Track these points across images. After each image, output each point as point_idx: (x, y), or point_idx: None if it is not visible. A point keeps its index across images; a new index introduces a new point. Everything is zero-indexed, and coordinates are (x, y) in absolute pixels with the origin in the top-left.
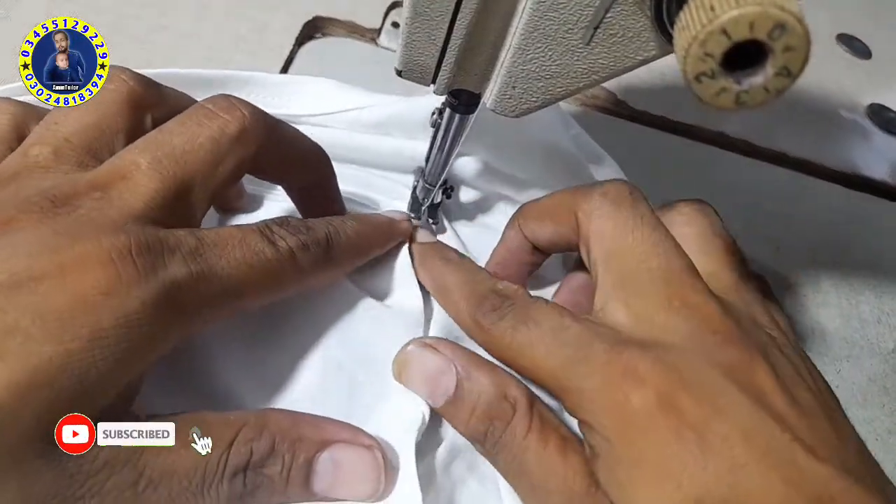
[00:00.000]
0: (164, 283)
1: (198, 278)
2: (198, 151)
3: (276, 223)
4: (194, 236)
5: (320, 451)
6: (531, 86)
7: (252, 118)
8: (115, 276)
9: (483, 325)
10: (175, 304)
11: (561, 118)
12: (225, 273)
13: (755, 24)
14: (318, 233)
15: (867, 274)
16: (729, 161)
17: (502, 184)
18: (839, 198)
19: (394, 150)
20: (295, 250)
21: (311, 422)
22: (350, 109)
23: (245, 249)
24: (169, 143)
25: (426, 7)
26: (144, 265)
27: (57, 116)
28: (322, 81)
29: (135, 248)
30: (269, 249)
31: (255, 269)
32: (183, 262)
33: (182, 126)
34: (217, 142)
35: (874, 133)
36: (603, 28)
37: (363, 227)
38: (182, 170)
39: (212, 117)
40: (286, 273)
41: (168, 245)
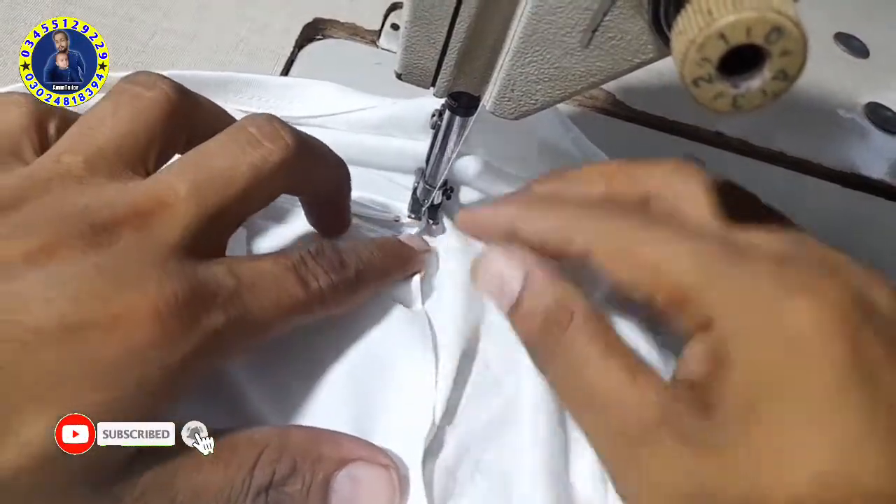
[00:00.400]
0: (206, 333)
1: (235, 324)
2: (238, 179)
3: (311, 257)
4: (233, 276)
5: (339, 470)
6: (530, 88)
7: (295, 148)
8: (161, 330)
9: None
10: (212, 349)
11: (560, 121)
12: (259, 316)
13: (752, 28)
14: (349, 271)
15: None
16: (727, 161)
17: (502, 184)
18: (837, 197)
19: (395, 150)
20: (325, 291)
21: (330, 439)
22: (351, 111)
23: (279, 292)
24: (209, 168)
25: (426, 10)
26: (188, 316)
27: (91, 121)
28: (323, 84)
29: (181, 297)
30: (302, 293)
31: (286, 310)
32: (222, 310)
33: (223, 149)
34: (259, 170)
35: (872, 132)
36: (601, 31)
37: (388, 259)
38: (221, 197)
39: (255, 145)
40: (312, 309)
41: (209, 290)
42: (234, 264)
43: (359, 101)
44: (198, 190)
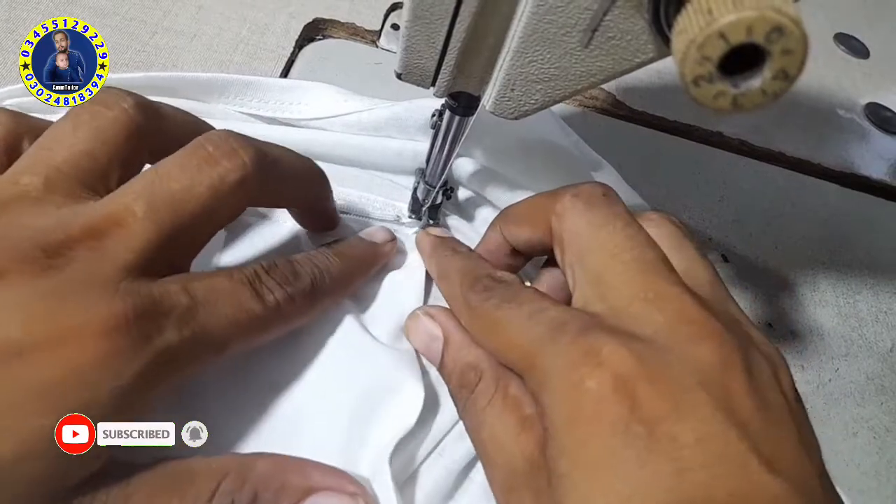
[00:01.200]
0: (158, 351)
1: (189, 341)
2: (196, 200)
3: (264, 271)
4: (187, 294)
5: (303, 500)
6: (530, 88)
7: (253, 165)
8: (110, 348)
9: (471, 303)
10: (166, 367)
11: (559, 127)
12: (215, 332)
13: (753, 27)
14: (303, 281)
15: (865, 273)
16: (727, 161)
17: (501, 186)
18: (837, 197)
19: (395, 151)
20: (281, 304)
21: (296, 468)
22: (351, 113)
23: (235, 307)
24: (167, 189)
25: (426, 10)
26: (139, 334)
27: (50, 141)
28: (324, 87)
29: (131, 315)
30: (258, 306)
31: (243, 325)
32: (176, 327)
33: (181, 170)
34: (216, 190)
35: (872, 132)
36: (601, 31)
37: (347, 263)
38: (178, 218)
39: (212, 163)
40: (271, 324)
41: (162, 309)
42: (188, 282)
43: (359, 104)
44: (154, 211)
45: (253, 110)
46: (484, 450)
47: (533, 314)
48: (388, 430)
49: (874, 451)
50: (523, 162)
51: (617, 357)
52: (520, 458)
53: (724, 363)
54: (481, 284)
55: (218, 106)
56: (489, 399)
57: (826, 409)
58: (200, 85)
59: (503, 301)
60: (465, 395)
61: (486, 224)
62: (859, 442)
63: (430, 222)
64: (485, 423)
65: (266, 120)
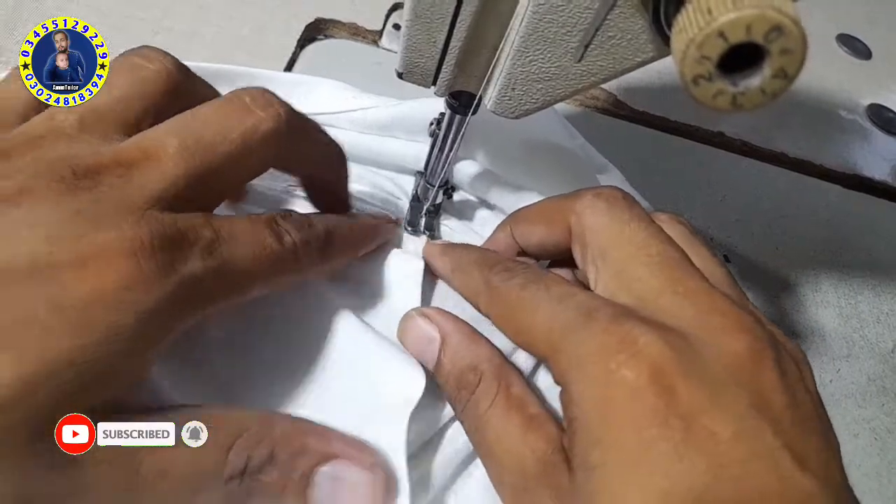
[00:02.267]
0: (183, 279)
1: (213, 272)
2: (228, 143)
3: (280, 216)
4: (211, 228)
5: (321, 465)
6: (531, 87)
7: (287, 118)
8: (135, 271)
9: (492, 283)
10: (190, 297)
11: (565, 129)
12: (237, 266)
13: (752, 26)
14: (318, 229)
15: (866, 274)
16: (728, 161)
17: (504, 189)
18: (838, 198)
19: (398, 150)
20: (298, 245)
21: (316, 431)
22: (355, 110)
23: (255, 244)
24: (200, 131)
25: (427, 10)
26: (164, 260)
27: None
28: (329, 82)
29: (157, 240)
30: (276, 244)
31: (263, 263)
32: (200, 257)
33: (216, 114)
34: (249, 137)
35: (874, 133)
36: (602, 31)
37: (356, 225)
38: (209, 159)
39: (248, 112)
40: (288, 266)
41: (188, 238)
42: (212, 218)
43: (365, 101)
44: (186, 148)
45: None
46: (489, 452)
47: (562, 298)
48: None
49: (875, 452)
50: (527, 164)
51: (654, 348)
52: (530, 458)
53: (757, 357)
54: (502, 266)
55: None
56: (491, 400)
57: (827, 410)
58: (209, 76)
59: (528, 282)
60: (465, 398)
61: (485, 224)
62: (860, 443)
63: (426, 233)
64: (488, 426)
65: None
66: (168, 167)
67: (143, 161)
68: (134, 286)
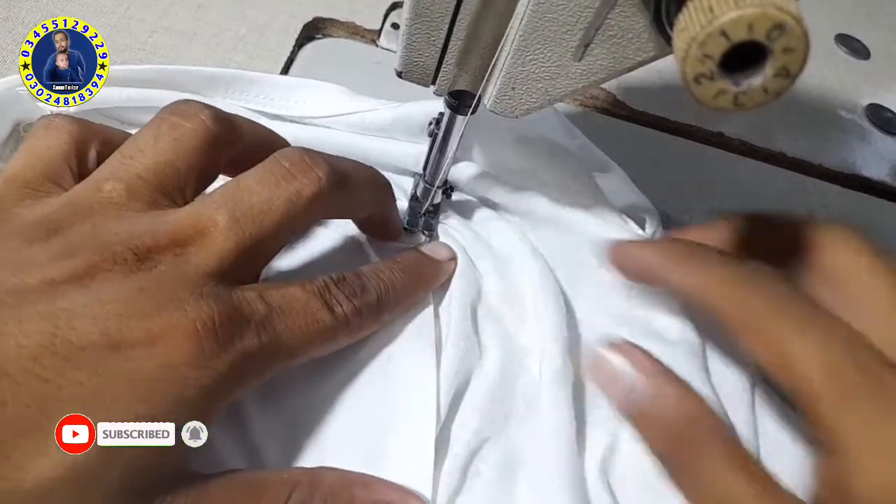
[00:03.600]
0: (239, 356)
1: (266, 348)
2: (274, 213)
3: (334, 283)
4: (264, 303)
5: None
6: (530, 87)
7: (327, 181)
8: (198, 349)
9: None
10: (245, 371)
11: (565, 127)
12: (288, 340)
13: (754, 25)
14: (370, 295)
15: None
16: (727, 161)
17: (504, 187)
18: (837, 198)
19: (397, 151)
20: (349, 316)
21: (362, 482)
22: (354, 112)
23: (307, 317)
24: (248, 202)
25: (426, 8)
26: (224, 338)
27: (132, 151)
28: (328, 86)
29: (217, 318)
30: (328, 318)
31: (314, 335)
32: (255, 334)
33: (260, 184)
34: (293, 204)
35: (873, 133)
36: (602, 30)
37: (411, 279)
38: (258, 230)
39: (289, 179)
40: (339, 336)
41: (244, 314)
42: (265, 291)
43: (363, 104)
44: (236, 222)
45: (258, 107)
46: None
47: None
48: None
49: None
50: (525, 162)
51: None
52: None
53: None
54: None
55: (224, 101)
56: (726, 461)
57: None
58: (205, 79)
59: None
60: (689, 452)
61: (483, 223)
62: None
63: (425, 233)
64: (728, 488)
65: (270, 116)
66: (220, 242)
67: (197, 238)
68: (196, 363)
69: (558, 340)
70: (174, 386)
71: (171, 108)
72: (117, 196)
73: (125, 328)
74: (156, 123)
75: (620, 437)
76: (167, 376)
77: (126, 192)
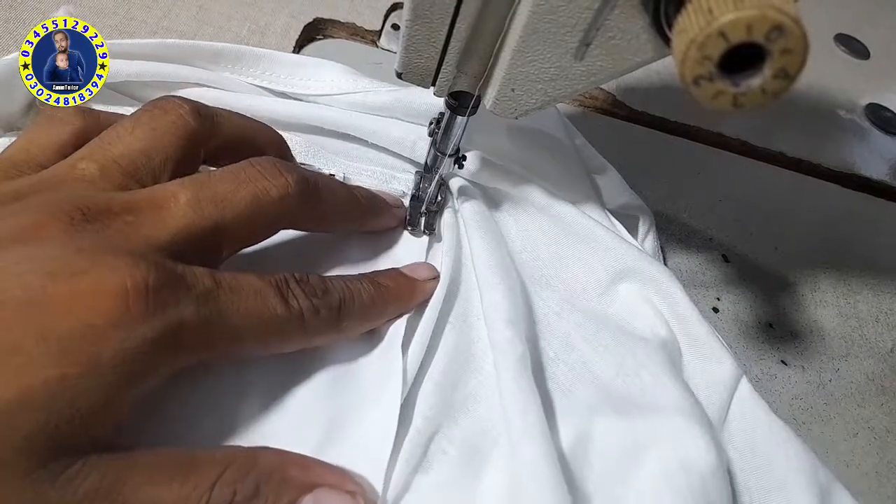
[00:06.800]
0: (171, 323)
1: (205, 322)
2: (237, 203)
3: (294, 280)
4: (212, 278)
5: (304, 495)
6: (530, 88)
7: (296, 188)
8: (123, 309)
9: None
10: (176, 343)
11: (564, 127)
12: (232, 321)
13: (753, 26)
14: (332, 298)
15: (865, 273)
16: (727, 161)
17: (502, 181)
18: (837, 197)
19: (397, 131)
20: (305, 313)
21: (299, 463)
22: (358, 92)
23: (258, 302)
24: (212, 188)
25: (426, 10)
26: (156, 301)
27: (111, 137)
28: (333, 65)
29: (151, 281)
30: (281, 307)
31: (263, 323)
32: (194, 303)
33: (229, 177)
34: (259, 201)
35: (872, 133)
36: (602, 31)
37: (381, 293)
38: (218, 214)
39: (258, 178)
40: (292, 332)
41: (184, 282)
42: (217, 272)
43: (367, 84)
44: (197, 202)
45: (264, 83)
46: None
47: None
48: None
49: (874, 451)
50: (523, 153)
51: None
52: None
53: None
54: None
55: (230, 76)
56: None
57: (826, 409)
58: (213, 54)
59: None
60: None
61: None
62: (859, 443)
63: (426, 232)
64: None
65: (275, 93)
66: (175, 217)
67: (153, 209)
68: (120, 324)
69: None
70: (91, 345)
71: (154, 101)
72: (90, 175)
73: (50, 285)
74: (138, 114)
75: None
76: (85, 335)
77: (99, 172)
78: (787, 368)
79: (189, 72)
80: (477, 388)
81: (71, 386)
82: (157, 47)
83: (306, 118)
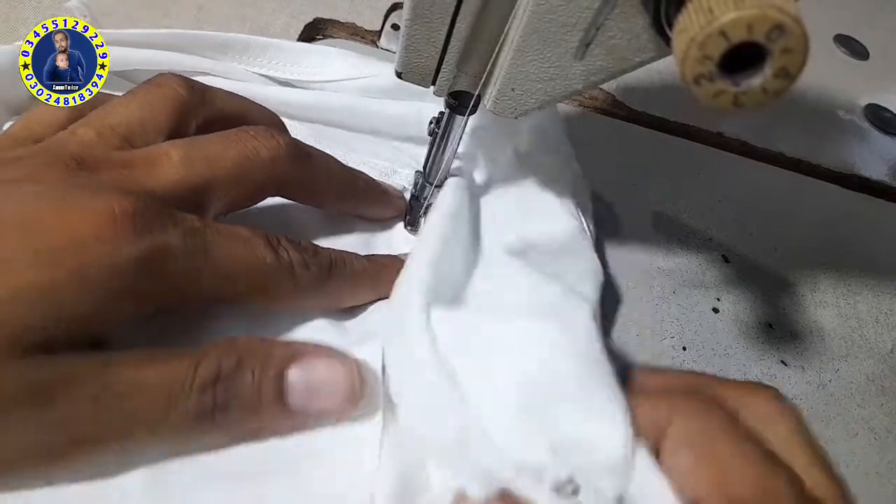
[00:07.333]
0: (156, 245)
1: (191, 253)
2: (227, 162)
3: (285, 238)
4: (200, 220)
5: (291, 365)
6: (530, 87)
7: (286, 150)
8: (111, 228)
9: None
10: (161, 269)
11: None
12: (220, 260)
13: (753, 25)
14: (322, 257)
15: (865, 274)
16: (727, 162)
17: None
18: (837, 198)
19: (399, 111)
20: (295, 265)
21: (280, 342)
22: (362, 77)
23: (247, 249)
24: (204, 148)
25: (426, 9)
26: (143, 225)
27: (108, 108)
28: (338, 51)
29: (140, 208)
30: (271, 257)
31: (251, 269)
32: (181, 235)
33: (220, 138)
34: (248, 159)
35: (872, 133)
36: (602, 30)
37: (374, 267)
38: (209, 171)
39: (249, 140)
40: (281, 284)
41: (173, 217)
42: (209, 221)
43: (372, 69)
44: (190, 160)
45: (270, 71)
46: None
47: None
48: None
49: (874, 451)
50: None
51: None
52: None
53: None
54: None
55: (237, 66)
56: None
57: (826, 409)
58: (219, 45)
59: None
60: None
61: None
62: (859, 443)
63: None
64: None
65: (280, 82)
66: (167, 171)
67: (146, 165)
68: (107, 239)
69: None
70: (79, 257)
71: (150, 78)
72: (88, 139)
73: (44, 209)
74: (135, 89)
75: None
76: (72, 247)
77: (96, 137)
78: (787, 369)
79: (196, 61)
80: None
81: (58, 290)
82: (165, 37)
83: (312, 105)
